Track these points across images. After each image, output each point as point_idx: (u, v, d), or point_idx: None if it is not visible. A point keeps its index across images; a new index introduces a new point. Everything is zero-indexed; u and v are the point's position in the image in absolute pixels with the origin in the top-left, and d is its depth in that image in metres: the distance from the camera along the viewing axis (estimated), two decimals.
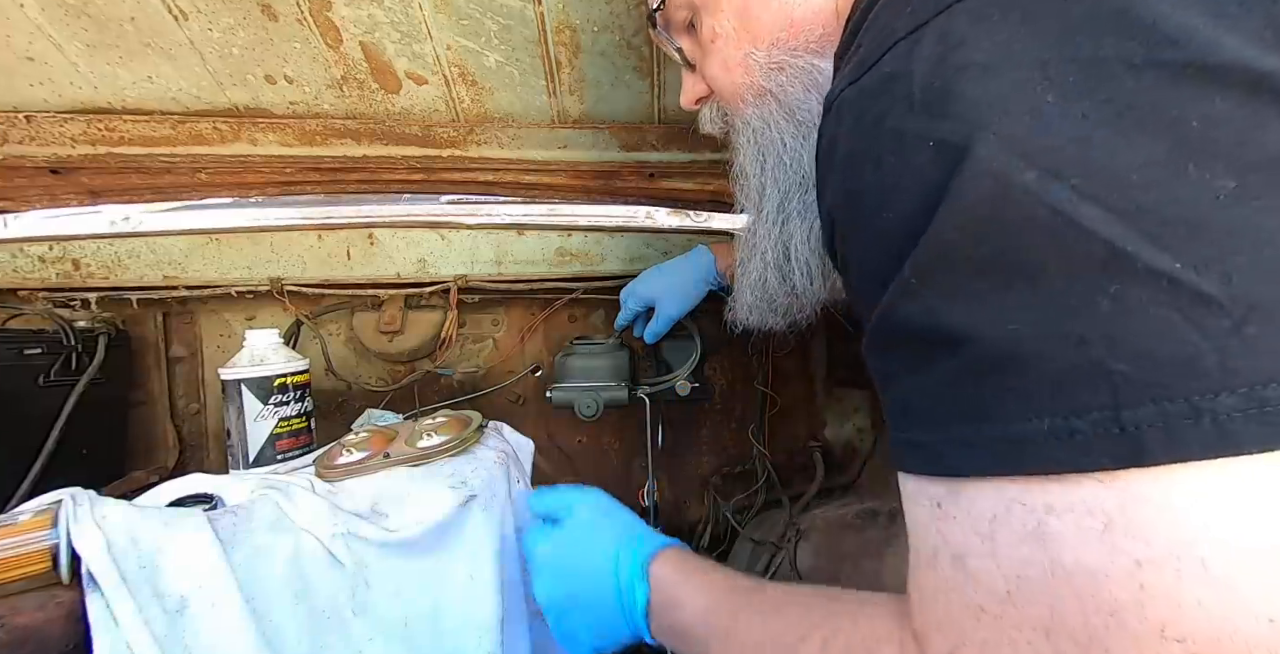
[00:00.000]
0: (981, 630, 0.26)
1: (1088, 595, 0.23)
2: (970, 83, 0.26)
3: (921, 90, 0.27)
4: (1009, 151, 0.24)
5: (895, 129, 0.28)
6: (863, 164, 0.30)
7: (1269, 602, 0.21)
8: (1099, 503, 0.23)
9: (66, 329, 0.83)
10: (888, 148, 0.28)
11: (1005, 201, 0.24)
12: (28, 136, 0.86)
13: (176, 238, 0.97)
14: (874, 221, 0.30)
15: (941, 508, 0.28)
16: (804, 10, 0.50)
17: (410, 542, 0.59)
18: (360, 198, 1.08)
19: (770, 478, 1.12)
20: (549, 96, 0.90)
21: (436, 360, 1.05)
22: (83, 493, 0.51)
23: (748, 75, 0.54)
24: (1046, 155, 0.24)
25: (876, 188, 0.29)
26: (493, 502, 0.66)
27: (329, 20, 0.77)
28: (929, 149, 0.26)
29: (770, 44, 0.51)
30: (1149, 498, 0.22)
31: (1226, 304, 0.21)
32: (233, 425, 0.76)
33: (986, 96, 0.25)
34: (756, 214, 0.59)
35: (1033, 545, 0.24)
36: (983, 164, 0.25)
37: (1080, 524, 0.23)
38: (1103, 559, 0.23)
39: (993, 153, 0.25)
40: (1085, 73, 0.24)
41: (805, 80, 0.50)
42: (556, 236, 1.06)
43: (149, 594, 0.46)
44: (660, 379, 1.03)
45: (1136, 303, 0.22)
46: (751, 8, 0.52)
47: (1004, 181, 0.24)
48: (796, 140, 0.53)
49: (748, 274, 0.63)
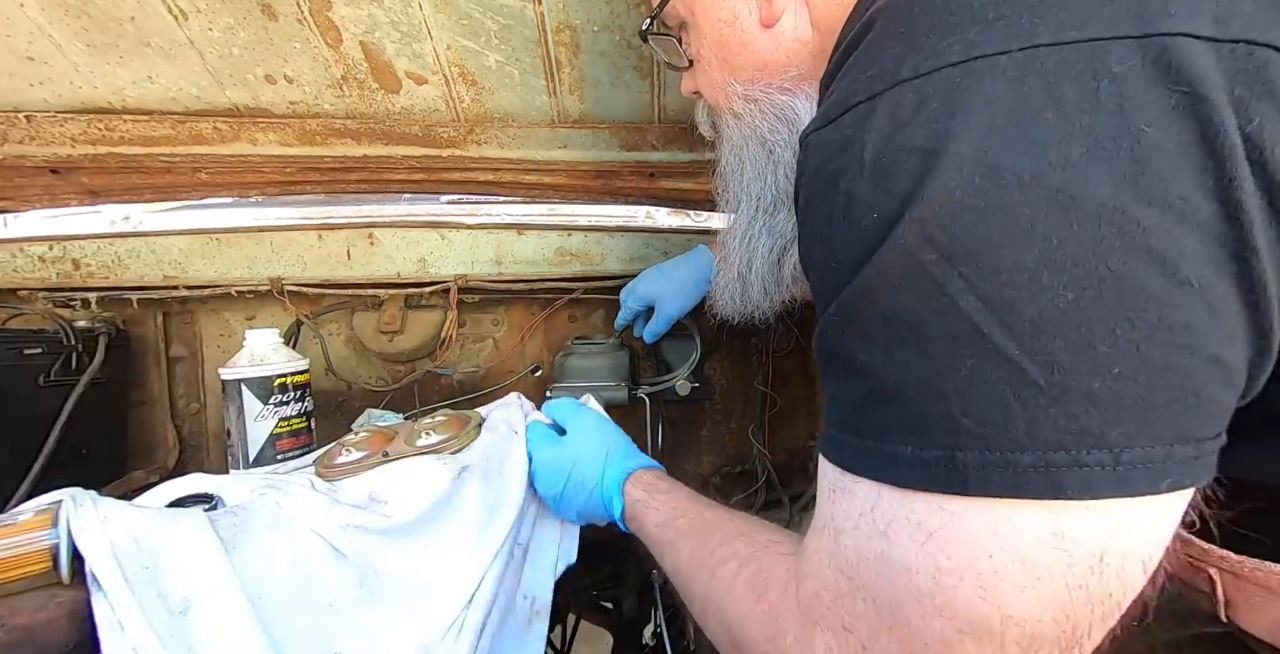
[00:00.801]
0: (835, 585, 0.35)
1: (901, 583, 0.31)
2: (907, 166, 0.30)
3: (871, 162, 0.31)
4: (920, 234, 0.29)
5: (847, 191, 0.33)
6: (820, 215, 0.36)
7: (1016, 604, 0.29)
8: (927, 518, 0.30)
9: (66, 329, 0.83)
10: (840, 206, 0.34)
11: (909, 276, 0.30)
12: (28, 136, 0.86)
13: (176, 238, 0.97)
14: (825, 263, 0.36)
15: (834, 492, 0.36)
16: (778, 55, 0.52)
17: (411, 524, 0.59)
18: (360, 198, 1.08)
19: (770, 478, 1.12)
20: (549, 96, 0.90)
21: (436, 360, 1.05)
22: (83, 493, 0.51)
23: (726, 100, 0.58)
24: (949, 243, 0.29)
25: (827, 239, 0.35)
26: (490, 468, 0.66)
27: (329, 20, 0.77)
28: (871, 218, 0.31)
29: (747, 79, 0.55)
30: (960, 521, 0.30)
31: (1045, 388, 0.27)
32: (233, 425, 0.76)
33: (914, 183, 0.30)
34: (731, 223, 0.65)
35: (879, 540, 0.32)
36: (900, 241, 0.30)
37: (911, 534, 0.31)
38: (918, 561, 0.31)
39: (909, 232, 0.29)
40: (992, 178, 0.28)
41: (775, 114, 0.54)
42: (556, 236, 1.06)
43: (152, 595, 0.46)
44: (660, 379, 1.03)
45: (984, 375, 0.28)
46: (728, 45, 0.55)
47: (911, 259, 0.30)
48: (768, 164, 0.57)
49: (720, 278, 0.71)
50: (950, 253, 0.29)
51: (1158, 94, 0.26)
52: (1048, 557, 0.28)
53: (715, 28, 0.55)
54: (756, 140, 0.56)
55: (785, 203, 0.59)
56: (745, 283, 0.66)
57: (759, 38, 0.52)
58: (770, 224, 0.61)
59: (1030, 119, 0.28)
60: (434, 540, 0.60)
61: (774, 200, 0.60)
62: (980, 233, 0.28)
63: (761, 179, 0.58)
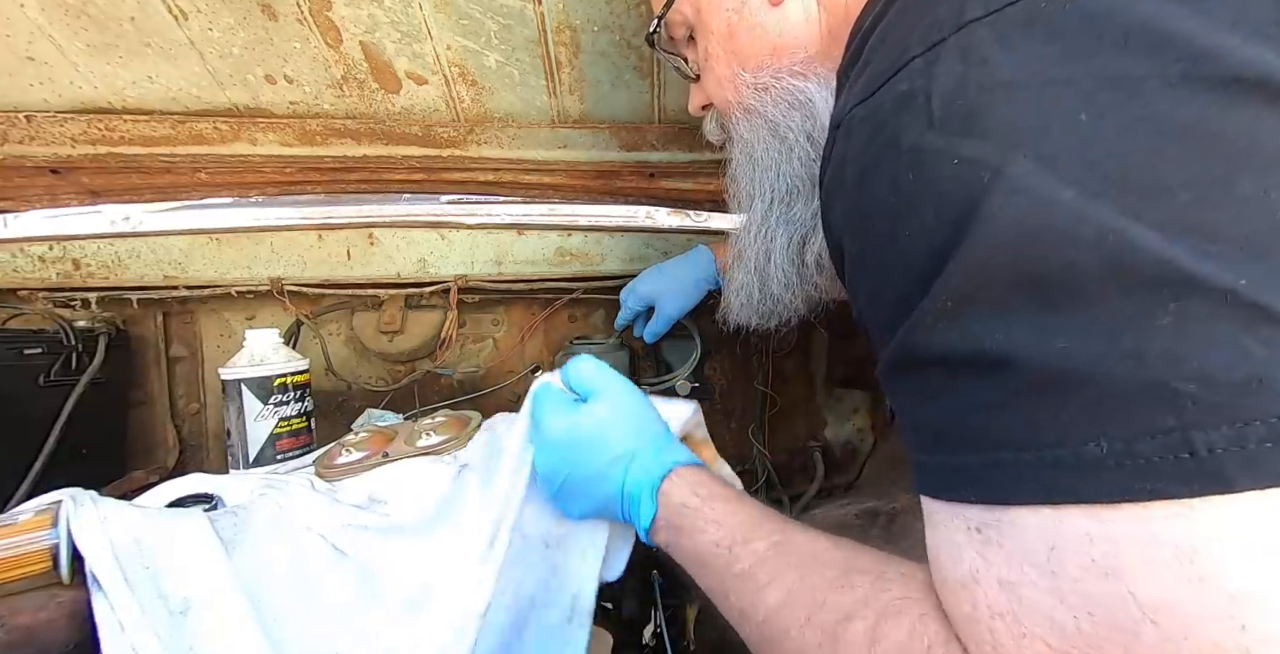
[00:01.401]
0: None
1: (1177, 637, 0.21)
2: (996, 102, 0.25)
3: (942, 109, 0.27)
4: (1044, 170, 0.24)
5: (914, 147, 0.28)
6: (877, 184, 0.30)
7: None
8: (1177, 534, 0.21)
9: (66, 329, 0.83)
10: (905, 167, 0.28)
11: (1045, 220, 0.24)
12: (28, 136, 0.86)
13: (176, 238, 0.97)
14: (891, 242, 0.29)
15: (982, 533, 0.26)
16: (786, 37, 0.52)
17: (412, 525, 0.59)
18: (360, 198, 1.08)
19: (770, 478, 1.12)
20: (549, 96, 0.90)
21: (436, 360, 1.05)
22: (83, 493, 0.51)
23: (736, 93, 0.57)
24: (1085, 173, 0.23)
25: (893, 207, 0.29)
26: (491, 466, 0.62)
27: (329, 20, 0.77)
28: (953, 167, 0.26)
29: (755, 67, 0.54)
30: (1234, 527, 0.21)
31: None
32: (233, 425, 0.76)
33: (1014, 116, 0.25)
34: (744, 222, 0.62)
35: (1103, 580, 0.23)
36: (1017, 182, 0.24)
37: (1157, 557, 0.21)
38: (1190, 595, 0.21)
39: (1027, 171, 0.24)
40: (1117, 90, 0.23)
41: (788, 100, 0.52)
42: (556, 236, 1.06)
43: (153, 595, 0.46)
44: (660, 379, 1.03)
45: (1199, 320, 0.21)
46: (736, 34, 0.54)
47: (1042, 200, 0.24)
48: (780, 155, 0.55)
49: (734, 279, 0.66)
50: (1095, 183, 0.23)
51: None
52: None
53: (722, 19, 0.55)
54: (768, 130, 0.55)
55: (802, 192, 0.55)
56: (764, 277, 0.60)
57: (767, 19, 0.52)
58: (787, 215, 0.57)
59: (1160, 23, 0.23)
60: (434, 542, 0.60)
61: (789, 190, 0.56)
62: (1130, 150, 0.23)
63: (775, 169, 0.56)
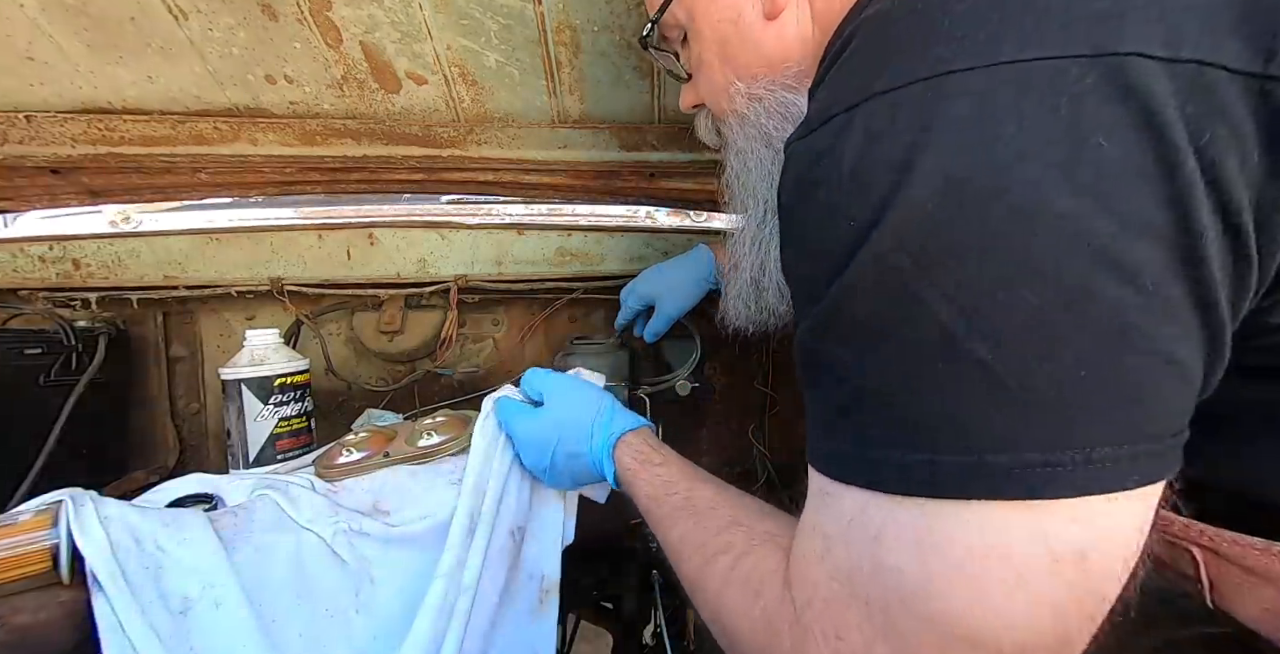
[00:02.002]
0: (826, 592, 0.35)
1: (892, 589, 0.31)
2: (881, 178, 0.31)
3: (849, 173, 0.33)
4: (894, 242, 0.31)
5: (826, 201, 0.34)
6: (800, 224, 0.37)
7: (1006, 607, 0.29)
8: (914, 523, 0.31)
9: (66, 329, 0.83)
10: (816, 217, 0.35)
11: (883, 282, 0.31)
12: (28, 136, 0.86)
13: (176, 238, 0.97)
14: (804, 271, 0.38)
15: (823, 496, 0.36)
16: (780, 50, 0.53)
17: (412, 537, 0.59)
18: (360, 198, 1.08)
19: (770, 478, 1.12)
20: (549, 96, 0.90)
21: (436, 360, 1.05)
22: (83, 493, 0.51)
23: (730, 102, 0.57)
24: (920, 252, 0.30)
25: (806, 248, 0.37)
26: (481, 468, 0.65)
27: (329, 20, 0.77)
28: (848, 227, 0.33)
29: (750, 77, 0.55)
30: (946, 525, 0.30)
31: (1015, 390, 0.29)
32: (233, 425, 0.76)
33: (888, 193, 0.31)
34: (740, 230, 0.65)
35: (869, 546, 0.32)
36: (874, 248, 0.31)
37: (900, 540, 0.31)
38: (909, 566, 0.31)
39: (883, 240, 0.31)
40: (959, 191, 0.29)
41: (781, 112, 0.54)
42: (556, 236, 1.06)
43: (153, 595, 0.46)
44: (660, 379, 1.03)
45: (957, 379, 0.29)
46: (729, 44, 0.55)
47: (885, 266, 0.31)
48: (775, 165, 0.56)
49: (732, 286, 0.69)
50: (922, 260, 0.30)
51: (1113, 111, 0.27)
52: (1032, 557, 0.29)
53: (717, 27, 0.55)
54: (762, 140, 0.56)
55: None
56: (760, 287, 0.66)
57: (762, 31, 0.53)
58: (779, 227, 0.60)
59: (994, 134, 0.29)
60: (431, 556, 0.60)
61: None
62: (949, 242, 0.29)
63: (769, 180, 0.57)
